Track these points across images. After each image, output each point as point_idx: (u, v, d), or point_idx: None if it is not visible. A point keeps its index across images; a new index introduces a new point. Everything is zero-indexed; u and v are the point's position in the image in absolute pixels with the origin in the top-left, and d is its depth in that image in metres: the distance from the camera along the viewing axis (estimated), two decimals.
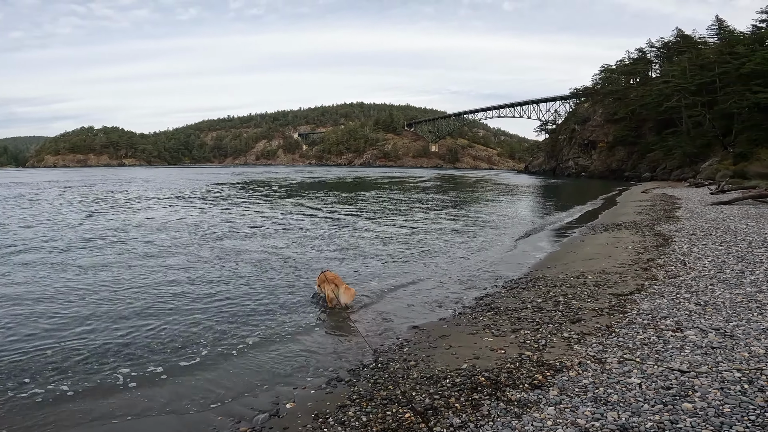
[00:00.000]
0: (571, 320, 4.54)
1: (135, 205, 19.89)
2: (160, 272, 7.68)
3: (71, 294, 6.38)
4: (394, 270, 8.04)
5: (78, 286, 6.76)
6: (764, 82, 39.98)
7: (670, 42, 65.57)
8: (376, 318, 5.51)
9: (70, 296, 6.28)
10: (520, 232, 13.03)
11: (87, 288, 6.69)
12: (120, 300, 6.16)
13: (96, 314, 5.58)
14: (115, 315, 5.58)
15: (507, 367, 3.52)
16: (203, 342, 4.78)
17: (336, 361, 4.25)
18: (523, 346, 3.99)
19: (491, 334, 4.41)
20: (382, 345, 4.55)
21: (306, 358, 4.33)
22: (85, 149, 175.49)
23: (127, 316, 5.56)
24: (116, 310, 5.77)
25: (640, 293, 5.34)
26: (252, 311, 5.80)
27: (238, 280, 7.22)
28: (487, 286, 6.72)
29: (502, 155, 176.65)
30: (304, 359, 4.32)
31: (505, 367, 3.54)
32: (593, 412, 2.71)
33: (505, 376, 3.35)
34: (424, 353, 4.14)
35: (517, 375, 3.36)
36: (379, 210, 18.88)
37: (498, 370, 3.48)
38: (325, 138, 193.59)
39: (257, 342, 4.82)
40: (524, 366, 3.52)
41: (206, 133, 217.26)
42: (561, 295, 5.58)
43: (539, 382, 3.20)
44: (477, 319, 5.02)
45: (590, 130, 73.97)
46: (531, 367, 3.47)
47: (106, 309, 5.78)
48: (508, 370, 3.46)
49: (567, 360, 3.54)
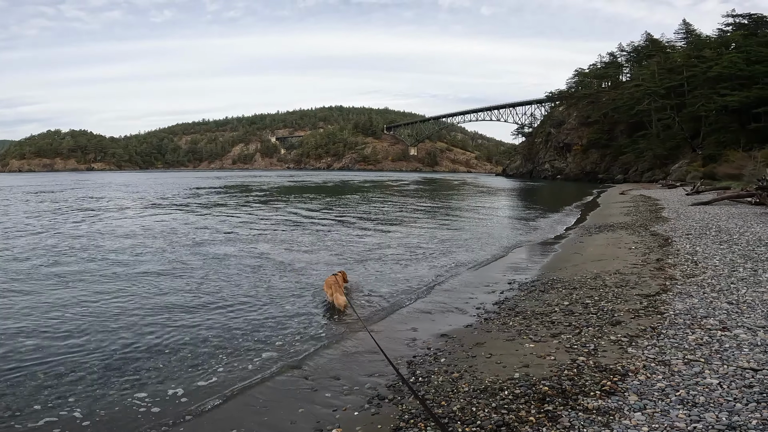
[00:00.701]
0: (610, 323, 4.40)
1: (116, 211, 18.87)
2: (155, 285, 7.15)
3: (57, 310, 5.82)
4: (401, 275, 7.78)
5: (62, 302, 6.18)
6: (731, 86, 41.43)
7: (640, 46, 67.92)
8: (398, 327, 5.24)
9: (56, 312, 5.72)
10: (517, 232, 13.03)
11: (73, 303, 6.13)
12: (116, 315, 5.65)
13: (89, 330, 5.07)
14: (112, 331, 5.09)
15: (566, 374, 3.32)
16: (216, 362, 4.38)
17: (369, 377, 3.92)
18: (571, 351, 3.82)
19: (531, 340, 4.22)
20: (414, 356, 4.27)
21: (334, 375, 4.00)
22: (51, 153, 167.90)
23: (125, 332, 5.08)
24: (111, 325, 5.27)
25: (666, 293, 5.29)
26: (260, 324, 5.40)
27: (238, 290, 6.80)
28: (504, 290, 6.56)
29: (479, 158, 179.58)
30: (332, 375, 3.99)
31: (563, 374, 3.34)
32: (688, 415, 2.56)
33: (569, 384, 3.15)
34: (465, 363, 3.90)
35: (581, 382, 3.17)
36: (371, 213, 18.61)
37: (557, 378, 3.28)
38: (303, 142, 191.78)
39: (273, 357, 4.47)
40: (584, 372, 3.33)
41: (180, 136, 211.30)
42: (586, 297, 5.46)
43: (610, 388, 3.02)
44: (507, 324, 4.83)
45: (565, 133, 75.84)
46: (593, 373, 3.29)
47: (99, 324, 5.27)
48: (569, 378, 3.26)
49: (628, 364, 3.39)
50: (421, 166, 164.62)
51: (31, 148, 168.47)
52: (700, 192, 24.70)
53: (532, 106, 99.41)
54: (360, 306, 6.06)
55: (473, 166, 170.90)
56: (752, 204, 16.52)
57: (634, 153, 55.55)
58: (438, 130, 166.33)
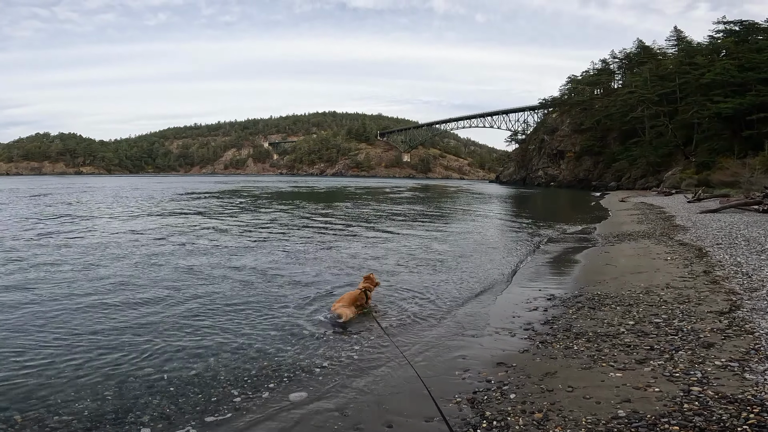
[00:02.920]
0: (701, 345, 3.84)
1: (113, 216, 17.92)
2: (153, 297, 6.41)
3: (41, 332, 5.06)
4: (427, 290, 7.10)
5: (48, 322, 5.42)
6: (724, 92, 41.65)
7: (632, 53, 68.55)
8: (442, 354, 4.55)
9: (40, 334, 4.97)
10: (533, 241, 12.51)
11: (61, 322, 5.37)
12: (110, 335, 4.92)
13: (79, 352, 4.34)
14: (105, 352, 4.36)
15: (688, 408, 2.75)
16: (231, 393, 3.70)
17: (424, 421, 3.21)
18: (676, 380, 3.23)
19: (613, 368, 3.62)
20: (474, 392, 3.59)
21: (380, 417, 3.31)
22: (39, 156, 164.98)
23: (121, 356, 4.36)
24: (104, 346, 4.54)
25: (740, 309, 4.75)
26: (277, 350, 4.63)
27: (243, 304, 6.10)
28: (546, 306, 5.95)
29: (472, 165, 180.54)
30: (375, 417, 3.30)
31: (682, 409, 2.76)
32: None
33: (701, 421, 2.57)
34: (543, 399, 3.28)
35: (714, 417, 2.61)
36: (377, 221, 17.99)
37: (679, 414, 2.70)
38: (296, 147, 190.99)
39: (293, 382, 3.84)
40: (711, 406, 2.78)
41: (171, 141, 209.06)
42: (651, 315, 4.90)
43: (758, 422, 2.46)
44: (572, 349, 4.23)
45: (558, 140, 76.10)
46: (724, 406, 2.74)
47: (89, 344, 4.54)
48: (696, 413, 2.69)
49: (758, 392, 2.85)
50: (414, 173, 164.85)
51: (19, 151, 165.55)
52: (701, 200, 24.47)
53: (525, 112, 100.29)
54: (390, 326, 5.41)
55: (466, 173, 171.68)
56: (759, 212, 16.25)
57: (627, 160, 55.77)
58: (431, 136, 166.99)
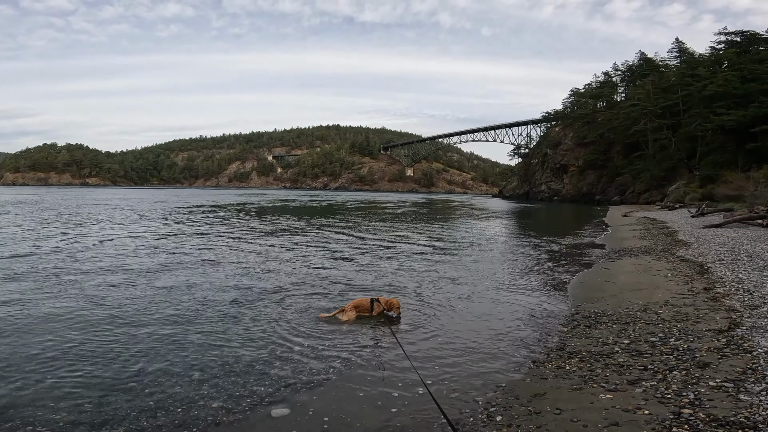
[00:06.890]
0: (696, 365, 3.72)
1: (123, 230, 17.99)
2: (141, 310, 6.34)
3: (25, 345, 5.01)
4: (422, 310, 6.96)
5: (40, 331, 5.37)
6: (727, 104, 40.82)
7: (634, 65, 68.27)
8: (434, 371, 4.43)
9: (23, 348, 4.91)
10: (533, 258, 12.38)
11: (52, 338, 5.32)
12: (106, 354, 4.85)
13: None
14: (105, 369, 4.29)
15: None
16: (211, 406, 3.61)
17: None
18: (667, 402, 3.13)
19: (603, 389, 3.51)
20: (461, 413, 3.49)
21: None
22: (46, 167, 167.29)
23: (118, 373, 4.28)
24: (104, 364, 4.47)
25: (739, 328, 4.62)
26: (265, 365, 4.53)
27: (234, 319, 6.02)
28: (542, 324, 5.86)
29: (476, 179, 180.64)
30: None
31: None
32: None
33: None
34: (530, 422, 3.17)
35: None
36: (383, 238, 17.94)
37: None
38: (300, 161, 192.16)
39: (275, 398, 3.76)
40: (701, 429, 2.69)
41: (177, 153, 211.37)
42: (647, 333, 4.78)
43: None
44: (564, 369, 4.12)
45: (561, 154, 75.76)
46: (713, 430, 2.65)
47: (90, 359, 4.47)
48: None
49: (752, 415, 2.75)
50: (418, 187, 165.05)
51: (26, 162, 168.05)
52: (705, 214, 24.19)
53: (528, 126, 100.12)
54: (377, 339, 5.32)
55: (469, 187, 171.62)
56: (764, 226, 16.04)
57: (630, 174, 55.11)
58: (434, 150, 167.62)
